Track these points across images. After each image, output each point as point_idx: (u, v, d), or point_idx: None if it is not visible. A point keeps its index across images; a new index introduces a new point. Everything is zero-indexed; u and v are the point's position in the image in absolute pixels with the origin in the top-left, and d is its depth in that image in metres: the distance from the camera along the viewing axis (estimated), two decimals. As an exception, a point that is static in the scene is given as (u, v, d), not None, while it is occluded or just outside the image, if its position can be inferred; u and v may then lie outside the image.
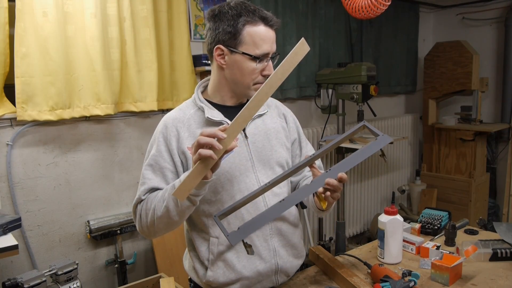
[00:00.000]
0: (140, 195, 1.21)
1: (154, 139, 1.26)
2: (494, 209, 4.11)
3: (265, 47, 1.18)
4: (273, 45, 1.21)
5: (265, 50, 1.18)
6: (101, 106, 2.19)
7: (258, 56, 1.18)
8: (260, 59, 1.18)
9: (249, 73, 1.19)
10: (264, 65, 1.20)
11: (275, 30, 1.22)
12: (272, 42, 1.20)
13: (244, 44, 1.17)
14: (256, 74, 1.20)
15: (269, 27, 1.19)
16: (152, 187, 1.20)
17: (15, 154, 2.07)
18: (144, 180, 1.22)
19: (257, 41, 1.17)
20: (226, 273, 1.24)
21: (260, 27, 1.18)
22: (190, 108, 1.28)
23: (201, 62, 2.55)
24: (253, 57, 1.17)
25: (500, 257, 1.46)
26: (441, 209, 1.81)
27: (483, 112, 4.06)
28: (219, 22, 1.19)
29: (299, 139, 1.42)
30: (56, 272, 1.97)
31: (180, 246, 2.51)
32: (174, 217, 1.13)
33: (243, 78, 1.20)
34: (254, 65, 1.19)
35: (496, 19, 4.00)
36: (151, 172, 1.22)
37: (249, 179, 1.24)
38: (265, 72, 1.21)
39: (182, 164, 1.22)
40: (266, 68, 1.21)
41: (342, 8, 2.41)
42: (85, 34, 2.11)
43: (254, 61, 1.18)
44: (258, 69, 1.20)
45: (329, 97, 3.15)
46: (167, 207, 1.11)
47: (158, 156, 1.22)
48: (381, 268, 1.30)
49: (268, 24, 1.19)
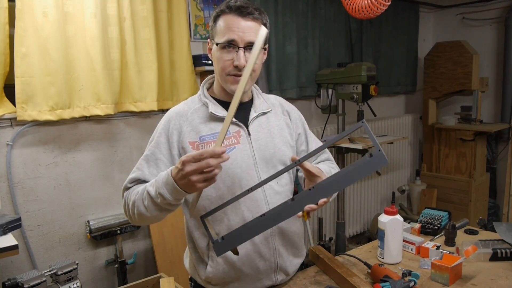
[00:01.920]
0: (127, 183, 1.23)
1: (156, 131, 1.27)
2: (494, 209, 4.11)
3: (230, 34, 1.16)
4: (244, 35, 1.16)
5: (230, 37, 1.16)
6: (101, 106, 2.19)
7: (222, 42, 1.17)
8: (225, 47, 1.17)
9: (219, 62, 1.20)
10: (233, 55, 1.18)
11: (253, 20, 1.17)
12: (242, 31, 1.16)
13: (217, 34, 1.20)
14: (225, 63, 1.19)
15: (240, 16, 1.16)
16: (139, 178, 1.22)
17: (15, 154, 2.07)
18: (135, 169, 1.24)
19: (223, 29, 1.18)
20: (226, 269, 1.24)
21: (229, 15, 1.17)
22: (195, 103, 1.29)
23: (201, 62, 2.55)
24: (220, 45, 1.18)
25: (500, 257, 1.46)
26: (441, 209, 1.81)
27: (483, 112, 4.06)
28: (213, 19, 1.24)
29: (305, 133, 1.41)
30: (56, 272, 1.97)
31: (180, 246, 2.51)
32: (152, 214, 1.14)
33: (217, 68, 1.22)
34: (221, 54, 1.18)
35: (496, 19, 4.00)
36: (145, 162, 1.23)
37: (250, 176, 1.23)
38: (235, 62, 1.17)
39: (180, 157, 1.21)
40: (235, 58, 1.17)
41: (342, 8, 2.41)
42: (85, 34, 2.11)
43: (222, 50, 1.18)
44: (226, 58, 1.18)
45: (329, 97, 3.15)
46: (147, 206, 1.13)
47: (156, 147, 1.23)
48: (381, 268, 1.30)
49: (240, 13, 1.17)
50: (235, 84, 1.19)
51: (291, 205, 1.07)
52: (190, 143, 1.21)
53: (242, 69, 1.15)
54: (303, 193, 1.07)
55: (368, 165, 1.01)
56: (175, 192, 1.04)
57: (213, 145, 1.20)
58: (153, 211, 1.12)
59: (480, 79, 3.81)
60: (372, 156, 1.00)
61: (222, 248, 1.13)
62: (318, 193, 1.05)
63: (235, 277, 1.25)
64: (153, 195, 1.09)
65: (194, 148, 1.21)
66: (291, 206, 1.07)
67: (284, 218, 1.10)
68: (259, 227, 1.10)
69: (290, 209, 1.07)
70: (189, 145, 1.21)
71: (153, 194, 1.09)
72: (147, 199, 1.12)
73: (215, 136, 1.22)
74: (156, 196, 1.08)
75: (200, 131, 1.23)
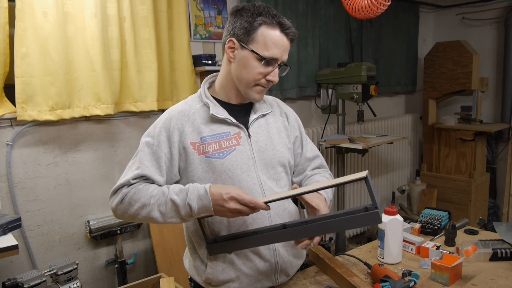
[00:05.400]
0: (130, 179, 1.16)
1: (155, 128, 1.24)
2: (494, 209, 4.11)
3: (275, 51, 1.18)
4: (284, 54, 1.21)
5: (274, 54, 1.19)
6: (101, 106, 2.19)
7: (265, 57, 1.18)
8: (266, 62, 1.19)
9: (252, 71, 1.20)
10: (269, 70, 1.20)
11: (290, 41, 1.22)
12: (284, 50, 1.21)
13: (255, 43, 1.18)
14: (259, 75, 1.20)
15: (285, 34, 1.20)
16: (145, 175, 1.18)
17: (15, 154, 2.07)
18: (140, 165, 1.18)
19: (268, 43, 1.18)
20: (226, 270, 1.24)
21: (276, 31, 1.18)
22: (196, 103, 1.28)
23: (201, 62, 2.55)
24: (260, 57, 1.18)
25: (500, 257, 1.46)
26: (441, 209, 1.81)
27: (483, 112, 4.06)
28: (239, 17, 1.21)
29: (300, 137, 1.42)
30: (56, 272, 1.97)
31: (180, 246, 2.51)
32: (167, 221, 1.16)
33: (246, 75, 1.21)
34: (259, 66, 1.19)
35: (496, 19, 4.00)
36: (147, 160, 1.19)
37: (250, 177, 1.24)
38: (269, 77, 1.21)
39: (180, 157, 1.22)
40: (271, 73, 1.21)
41: (342, 8, 2.40)
42: (85, 34, 2.11)
43: (260, 62, 1.19)
44: (263, 71, 1.20)
45: (329, 97, 3.15)
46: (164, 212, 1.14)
47: (156, 146, 1.21)
48: (381, 268, 1.30)
49: (284, 30, 1.19)
50: (260, 94, 1.25)
51: (282, 232, 1.13)
52: (192, 144, 1.21)
53: None
54: (294, 224, 1.13)
55: (360, 218, 1.03)
56: (205, 210, 1.11)
57: (214, 146, 1.21)
58: (169, 218, 1.14)
59: (480, 79, 3.81)
60: (367, 210, 1.02)
61: (216, 250, 1.21)
62: (308, 230, 1.11)
63: (234, 277, 1.25)
64: (178, 204, 1.12)
65: (195, 149, 1.21)
66: (282, 233, 1.13)
67: (275, 242, 1.20)
68: (252, 242, 1.18)
69: (281, 236, 1.14)
70: (190, 145, 1.21)
71: (178, 203, 1.12)
72: (169, 206, 1.12)
73: (216, 137, 1.22)
74: (184, 206, 1.11)
75: (202, 132, 1.22)
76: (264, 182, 1.25)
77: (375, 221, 1.02)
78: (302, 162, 1.41)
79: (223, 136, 1.23)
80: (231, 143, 1.23)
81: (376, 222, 1.02)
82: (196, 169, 1.21)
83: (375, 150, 3.71)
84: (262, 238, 1.15)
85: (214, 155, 1.21)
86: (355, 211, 1.04)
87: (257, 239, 1.16)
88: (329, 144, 2.94)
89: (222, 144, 1.22)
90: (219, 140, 1.22)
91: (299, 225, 1.11)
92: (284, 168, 1.32)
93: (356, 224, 1.05)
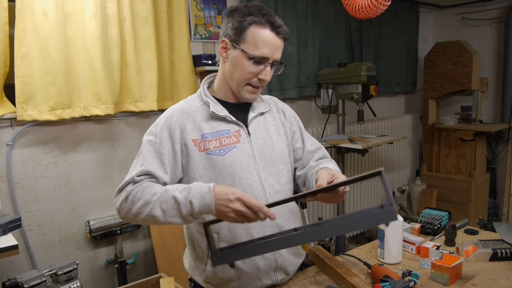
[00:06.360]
0: (134, 176, 1.16)
1: (157, 126, 1.25)
2: (494, 209, 4.11)
3: (265, 50, 1.19)
4: (275, 52, 1.22)
5: (264, 53, 1.20)
6: (101, 106, 2.19)
7: (255, 56, 1.19)
8: (256, 61, 1.20)
9: (243, 71, 1.21)
10: (260, 69, 1.22)
11: (282, 39, 1.22)
12: (275, 48, 1.21)
13: (246, 42, 1.19)
14: (250, 74, 1.22)
15: (275, 33, 1.20)
16: (149, 172, 1.18)
17: (15, 154, 2.07)
18: (144, 162, 1.19)
19: (258, 42, 1.19)
20: (226, 268, 1.24)
21: (266, 30, 1.19)
22: (196, 102, 1.30)
23: (201, 62, 2.55)
24: (250, 56, 1.19)
25: (500, 257, 1.46)
26: (441, 209, 1.81)
27: (483, 112, 4.06)
28: (231, 18, 1.22)
29: (300, 132, 1.43)
30: (56, 272, 1.97)
31: (180, 246, 2.51)
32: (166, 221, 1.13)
33: (238, 74, 1.23)
34: (249, 65, 1.20)
35: (496, 19, 4.00)
36: (151, 158, 1.20)
37: (250, 175, 1.25)
38: (261, 76, 1.23)
39: (182, 154, 1.23)
40: (262, 72, 1.22)
41: (342, 8, 2.40)
42: (85, 34, 2.11)
43: (250, 61, 1.20)
44: (253, 70, 1.21)
45: (329, 97, 3.15)
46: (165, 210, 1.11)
47: (159, 143, 1.22)
48: (381, 268, 1.30)
49: (274, 29, 1.20)
50: (251, 94, 1.25)
51: (293, 236, 1.07)
52: (193, 141, 1.23)
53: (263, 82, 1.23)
54: (306, 227, 1.08)
55: (376, 217, 0.99)
56: (206, 209, 1.07)
57: (215, 143, 1.22)
58: (170, 217, 1.11)
59: (480, 79, 3.81)
60: (383, 208, 0.98)
61: (219, 260, 1.14)
62: (322, 231, 1.05)
63: (234, 276, 1.25)
64: (180, 201, 1.09)
65: (196, 146, 1.22)
66: (293, 236, 1.07)
67: (285, 247, 1.13)
68: (259, 249, 1.11)
69: (292, 240, 1.08)
70: (191, 142, 1.22)
71: (180, 200, 1.09)
72: (171, 203, 1.10)
73: (216, 135, 1.24)
74: (185, 203, 1.08)
75: (203, 129, 1.24)
76: (264, 179, 1.26)
77: (390, 218, 0.98)
78: (305, 156, 1.42)
79: (224, 133, 1.25)
80: (231, 141, 1.25)
81: (391, 219, 0.98)
82: (197, 166, 1.22)
83: (375, 150, 3.71)
84: (274, 244, 1.09)
85: (214, 152, 1.22)
86: (369, 211, 1.00)
87: (267, 245, 1.10)
88: (329, 144, 2.94)
89: (222, 141, 1.24)
90: (219, 138, 1.24)
91: (315, 225, 1.06)
92: (285, 165, 1.33)
93: (372, 223, 1.01)
